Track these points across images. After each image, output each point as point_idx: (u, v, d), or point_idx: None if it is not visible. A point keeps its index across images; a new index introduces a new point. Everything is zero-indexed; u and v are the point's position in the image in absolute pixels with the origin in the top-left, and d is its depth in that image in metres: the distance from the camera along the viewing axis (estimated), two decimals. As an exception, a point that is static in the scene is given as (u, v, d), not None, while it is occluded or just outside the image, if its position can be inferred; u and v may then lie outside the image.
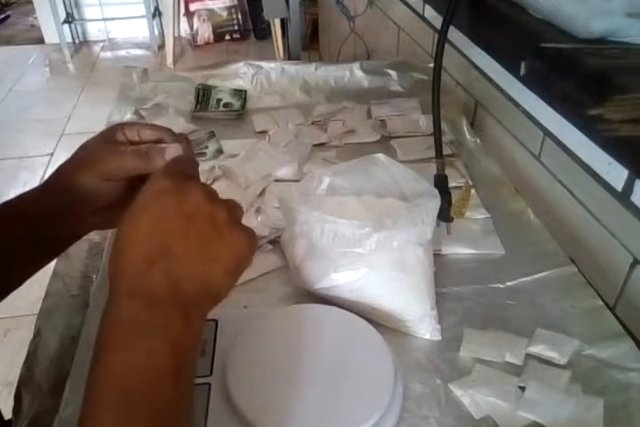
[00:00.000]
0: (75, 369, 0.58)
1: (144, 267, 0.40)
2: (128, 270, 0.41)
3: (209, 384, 0.54)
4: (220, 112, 1.09)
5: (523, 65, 0.75)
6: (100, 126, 1.13)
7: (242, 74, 1.22)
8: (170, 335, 0.39)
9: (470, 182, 0.88)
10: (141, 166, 0.53)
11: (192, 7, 3.94)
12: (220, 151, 0.93)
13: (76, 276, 0.72)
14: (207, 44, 4.04)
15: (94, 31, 4.12)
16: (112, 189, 0.55)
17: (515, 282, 0.70)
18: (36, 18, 4.10)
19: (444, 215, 0.73)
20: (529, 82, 0.78)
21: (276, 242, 0.75)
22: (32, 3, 3.88)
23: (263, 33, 3.91)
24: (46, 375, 0.59)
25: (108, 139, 0.55)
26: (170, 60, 3.64)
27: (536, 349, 0.61)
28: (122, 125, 0.56)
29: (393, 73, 1.23)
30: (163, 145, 0.54)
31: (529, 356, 0.60)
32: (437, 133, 0.76)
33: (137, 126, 0.56)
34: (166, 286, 0.40)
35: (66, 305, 0.67)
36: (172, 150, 0.53)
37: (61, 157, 2.67)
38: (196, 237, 0.42)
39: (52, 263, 0.73)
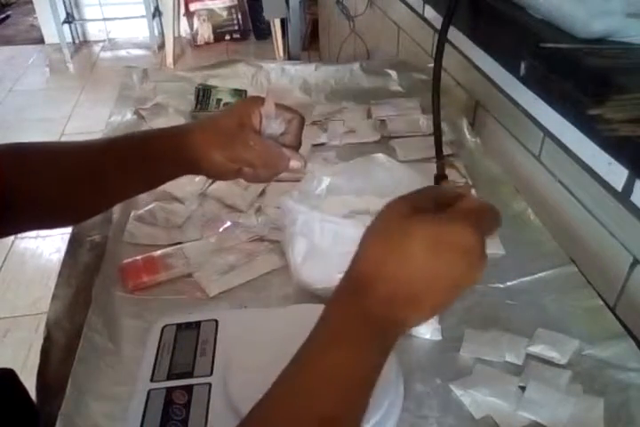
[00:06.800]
0: (76, 366, 0.58)
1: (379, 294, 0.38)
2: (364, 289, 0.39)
3: (209, 384, 0.55)
4: (220, 112, 1.09)
5: (523, 65, 0.75)
6: (100, 126, 1.14)
7: (242, 74, 1.22)
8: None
9: (470, 182, 0.88)
10: (266, 168, 0.62)
11: (192, 7, 3.94)
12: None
13: (79, 275, 0.72)
14: (207, 44, 4.03)
15: (94, 31, 4.12)
16: (234, 164, 0.62)
17: (515, 282, 0.70)
18: (36, 18, 4.09)
19: (444, 215, 0.72)
20: (529, 82, 0.78)
21: (276, 242, 0.75)
22: (32, 3, 3.88)
23: (263, 33, 3.91)
24: (55, 376, 0.59)
25: (244, 121, 0.61)
26: (170, 60, 3.63)
27: (536, 349, 0.61)
28: (259, 102, 0.62)
29: (393, 73, 1.23)
30: (289, 154, 0.62)
31: (529, 356, 0.60)
32: (437, 133, 0.76)
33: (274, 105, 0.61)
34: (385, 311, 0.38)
35: (71, 305, 0.68)
36: (295, 165, 0.62)
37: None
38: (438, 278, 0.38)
39: (58, 265, 0.74)
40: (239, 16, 4.05)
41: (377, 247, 0.39)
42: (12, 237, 2.13)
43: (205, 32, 4.01)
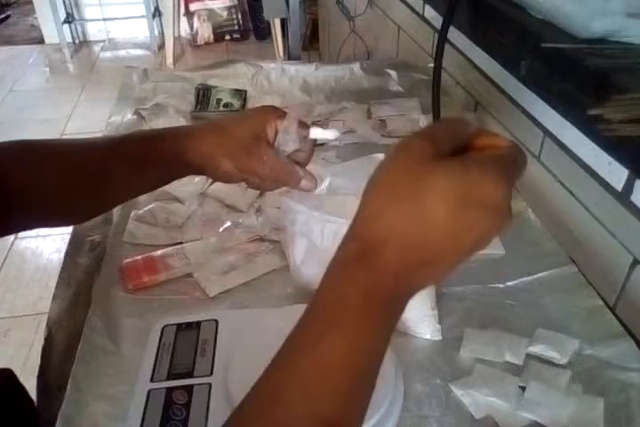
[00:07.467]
0: (76, 366, 0.58)
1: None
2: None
3: (209, 384, 0.55)
4: (220, 112, 1.09)
5: (523, 65, 0.75)
6: (100, 126, 1.14)
7: (242, 74, 1.22)
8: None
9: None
10: (275, 183, 0.60)
11: (192, 7, 3.94)
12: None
13: (79, 275, 0.72)
14: (207, 44, 4.04)
15: (94, 31, 4.12)
16: (242, 174, 0.60)
17: (515, 282, 0.70)
18: (36, 18, 4.09)
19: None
20: (529, 82, 0.78)
21: (276, 242, 0.75)
22: (32, 3, 3.88)
23: (263, 33, 3.91)
24: (55, 376, 0.59)
25: (259, 134, 0.59)
26: (170, 60, 3.63)
27: (536, 349, 0.61)
28: (274, 114, 0.59)
29: (393, 73, 1.22)
30: (302, 173, 0.60)
31: (529, 356, 0.60)
32: (437, 133, 0.76)
33: (296, 121, 0.59)
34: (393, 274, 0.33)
35: (71, 305, 0.68)
36: (307, 185, 0.60)
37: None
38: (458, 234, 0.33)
39: (58, 265, 0.74)
40: (239, 16, 4.05)
41: (389, 203, 0.33)
42: (11, 237, 2.13)
43: (205, 32, 4.02)
